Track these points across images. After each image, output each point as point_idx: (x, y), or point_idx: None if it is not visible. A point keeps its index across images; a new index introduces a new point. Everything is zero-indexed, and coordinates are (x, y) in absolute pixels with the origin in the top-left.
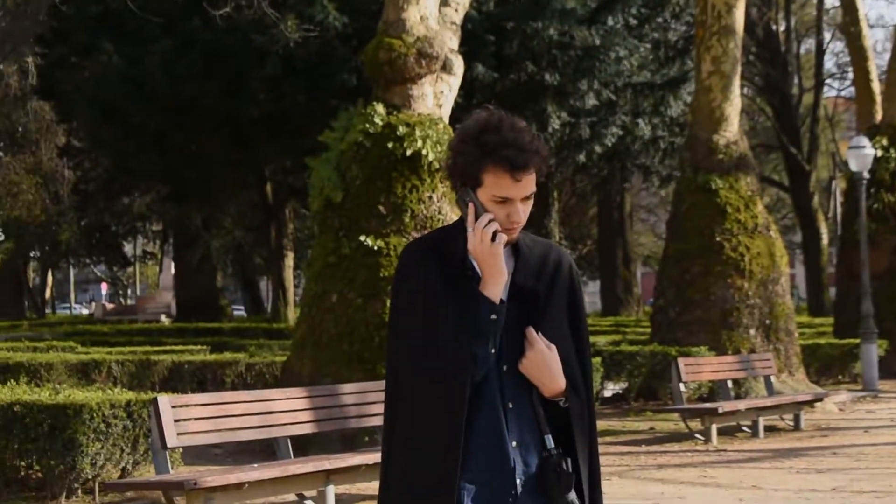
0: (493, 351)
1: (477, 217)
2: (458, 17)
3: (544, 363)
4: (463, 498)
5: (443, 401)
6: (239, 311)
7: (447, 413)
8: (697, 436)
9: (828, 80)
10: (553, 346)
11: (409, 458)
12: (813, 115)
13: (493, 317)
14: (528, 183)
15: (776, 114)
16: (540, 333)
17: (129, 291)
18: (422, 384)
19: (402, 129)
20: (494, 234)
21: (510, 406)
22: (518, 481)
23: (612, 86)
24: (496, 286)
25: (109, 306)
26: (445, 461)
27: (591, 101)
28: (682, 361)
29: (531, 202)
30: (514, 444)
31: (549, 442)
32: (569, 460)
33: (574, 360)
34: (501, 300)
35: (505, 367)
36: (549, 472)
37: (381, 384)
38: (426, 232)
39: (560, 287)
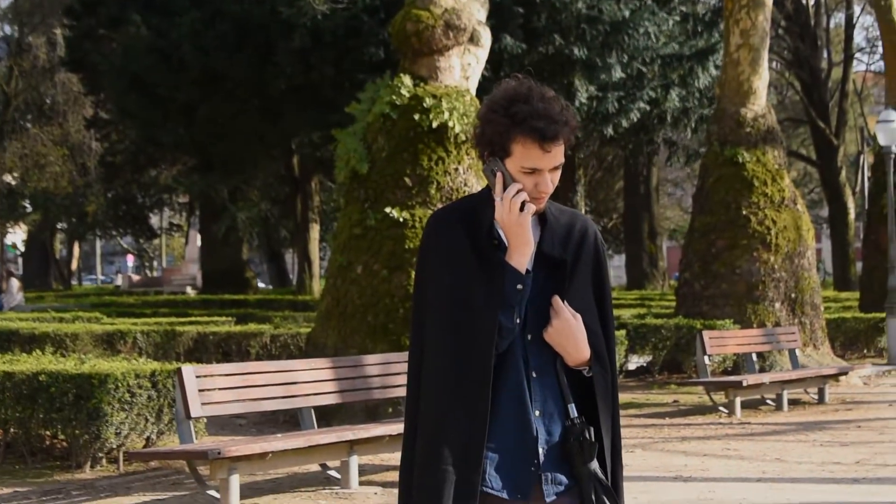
0: (518, 321)
1: (505, 187)
2: None
3: (570, 332)
4: (486, 466)
5: (469, 370)
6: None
7: (474, 382)
8: (721, 409)
9: (857, 55)
10: (578, 316)
11: (435, 427)
12: (841, 90)
13: (520, 287)
14: (557, 153)
15: (804, 88)
16: (566, 302)
17: (154, 263)
18: (448, 353)
19: (428, 101)
20: (523, 204)
21: (534, 375)
22: (541, 450)
23: (641, 59)
24: (523, 256)
25: (135, 278)
26: (473, 429)
27: (618, 75)
28: (706, 334)
29: (559, 172)
30: (537, 413)
31: (573, 411)
32: (591, 430)
33: (599, 329)
34: (528, 270)
35: (529, 336)
36: (572, 441)
37: (406, 356)
38: None
39: (586, 256)
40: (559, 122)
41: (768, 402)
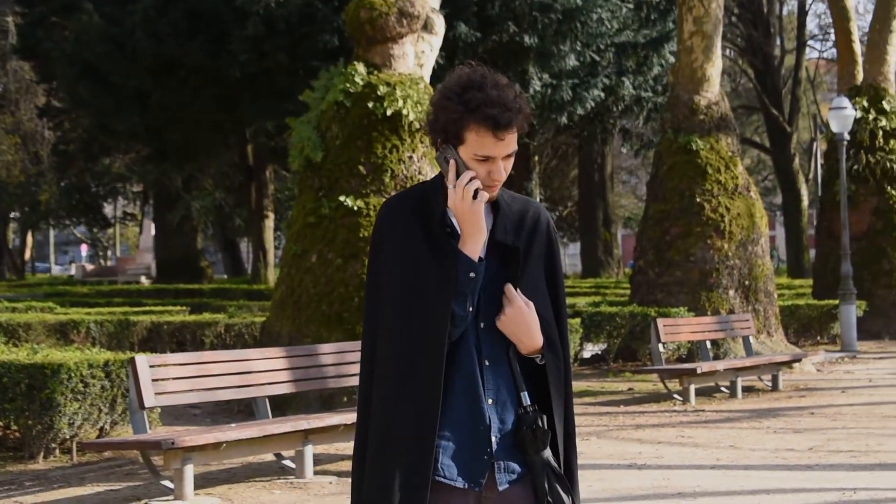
0: (470, 309)
1: (458, 174)
2: None
3: (522, 320)
4: (439, 455)
5: (421, 358)
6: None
7: (425, 370)
8: (676, 396)
9: (810, 42)
10: (531, 303)
11: (387, 417)
12: (794, 77)
13: (472, 274)
14: (510, 141)
15: (758, 75)
16: (518, 290)
17: (108, 253)
18: (400, 342)
19: (382, 89)
20: (476, 192)
21: (487, 363)
22: (494, 438)
23: (595, 46)
24: (476, 244)
25: (89, 267)
26: (424, 418)
27: (571, 63)
28: (661, 322)
29: (512, 160)
30: (490, 401)
31: (526, 399)
32: (544, 417)
33: (551, 317)
34: (480, 258)
35: (482, 324)
36: (525, 429)
37: (360, 344)
38: None
39: (538, 244)
40: (513, 109)
41: (722, 389)
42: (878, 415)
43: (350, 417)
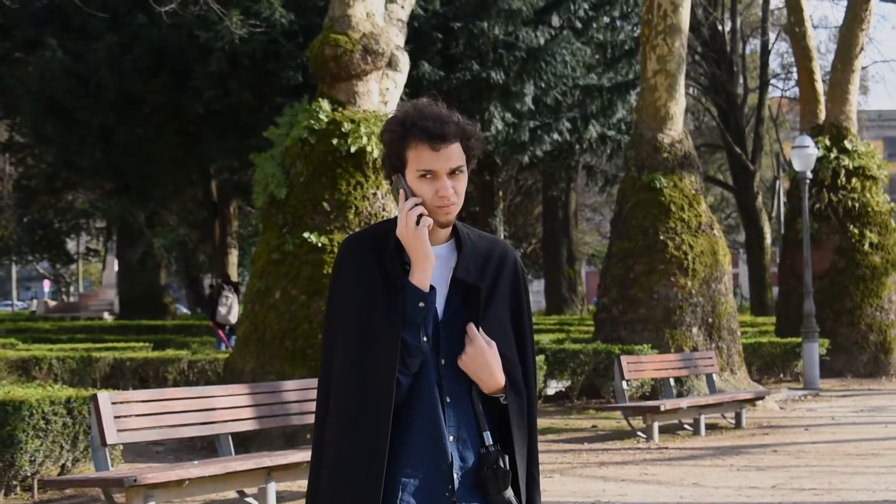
0: (424, 339)
1: None
2: (405, 14)
3: (483, 359)
4: (399, 492)
5: (372, 391)
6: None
7: (375, 403)
8: (639, 434)
9: (772, 81)
10: (493, 343)
11: (338, 452)
12: (757, 115)
13: (421, 304)
14: (451, 155)
15: (721, 113)
16: (481, 329)
17: (71, 289)
18: (352, 377)
19: (346, 126)
20: (420, 218)
21: (448, 400)
22: (455, 476)
23: (559, 87)
24: (423, 272)
25: (52, 303)
26: (374, 452)
27: (531, 104)
28: (624, 359)
29: (463, 180)
30: (451, 438)
31: (488, 438)
32: (506, 458)
33: (515, 357)
34: (433, 287)
35: (443, 361)
36: (486, 468)
37: None
38: None
39: (504, 283)
40: (448, 121)
41: (686, 426)
42: (841, 453)
43: None
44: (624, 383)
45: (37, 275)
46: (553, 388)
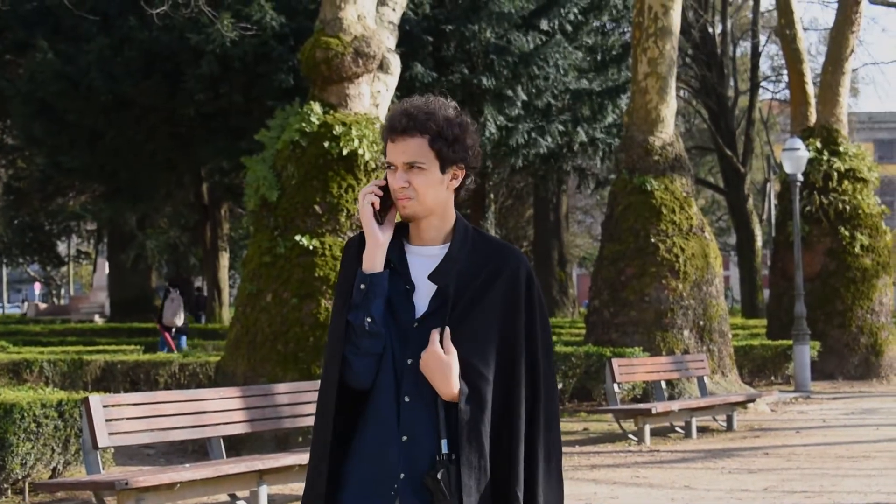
0: (368, 320)
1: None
2: (396, 17)
3: (436, 366)
4: (344, 484)
5: (328, 380)
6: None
7: (328, 388)
8: (631, 436)
9: (763, 83)
10: (453, 351)
11: (311, 448)
12: (748, 118)
13: (363, 286)
14: (406, 147)
15: (712, 116)
16: (446, 335)
17: (62, 291)
18: (325, 374)
19: (338, 129)
20: (368, 198)
21: (406, 400)
22: (400, 476)
23: (551, 91)
24: (369, 253)
25: (42, 306)
26: (322, 442)
27: (520, 109)
28: (616, 362)
29: (423, 177)
30: (404, 437)
31: (444, 447)
32: (451, 471)
33: (489, 369)
34: (393, 270)
35: (409, 361)
36: (428, 477)
37: (315, 384)
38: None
39: (496, 292)
40: (415, 118)
41: (677, 429)
42: (832, 455)
43: (305, 457)
44: (615, 386)
45: (27, 277)
46: None
